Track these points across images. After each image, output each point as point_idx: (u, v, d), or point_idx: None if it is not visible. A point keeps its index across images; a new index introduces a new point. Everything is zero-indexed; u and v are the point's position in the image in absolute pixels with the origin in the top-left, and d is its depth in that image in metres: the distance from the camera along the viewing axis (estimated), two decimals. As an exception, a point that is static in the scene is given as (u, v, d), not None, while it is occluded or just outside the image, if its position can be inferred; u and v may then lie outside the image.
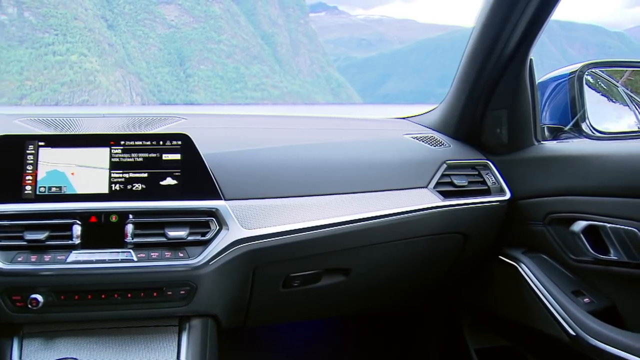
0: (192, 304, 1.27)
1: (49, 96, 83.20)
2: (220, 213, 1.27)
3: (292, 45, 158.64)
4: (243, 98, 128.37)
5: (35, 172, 1.27)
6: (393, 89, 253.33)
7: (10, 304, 1.20)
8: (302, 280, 1.44)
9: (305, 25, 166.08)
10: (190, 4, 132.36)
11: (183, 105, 70.63)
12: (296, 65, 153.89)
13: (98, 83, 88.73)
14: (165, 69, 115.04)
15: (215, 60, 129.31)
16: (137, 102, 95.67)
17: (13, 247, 1.21)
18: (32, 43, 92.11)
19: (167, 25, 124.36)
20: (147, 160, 1.31)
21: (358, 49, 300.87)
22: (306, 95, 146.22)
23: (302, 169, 1.44)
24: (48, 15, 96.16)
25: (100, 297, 1.23)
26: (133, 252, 1.22)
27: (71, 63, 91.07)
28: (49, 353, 1.26)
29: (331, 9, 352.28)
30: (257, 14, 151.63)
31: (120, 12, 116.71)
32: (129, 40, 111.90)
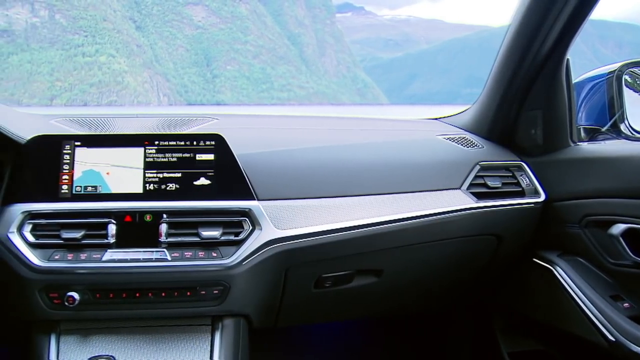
0: (225, 304, 1.28)
1: (78, 97, 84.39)
2: (254, 213, 1.27)
3: (319, 45, 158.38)
4: (269, 98, 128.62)
5: (72, 171, 1.30)
6: (420, 89, 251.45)
7: (48, 301, 1.23)
8: (334, 281, 1.44)
9: (331, 26, 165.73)
10: (217, 5, 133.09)
11: (214, 105, 70.87)
12: (322, 66, 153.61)
13: (126, 84, 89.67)
14: (192, 69, 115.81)
15: (241, 60, 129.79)
16: (164, 102, 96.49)
17: (50, 246, 1.23)
18: (62, 45, 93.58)
19: (195, 26, 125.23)
20: (180, 160, 1.32)
21: (385, 49, 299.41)
22: (332, 95, 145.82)
23: (335, 170, 1.44)
24: (78, 17, 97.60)
25: (134, 296, 1.25)
26: (167, 251, 1.24)
27: (100, 64, 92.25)
28: (84, 350, 1.28)
29: (358, 9, 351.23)
30: (284, 15, 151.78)
31: (149, 13, 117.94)
32: (157, 41, 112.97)
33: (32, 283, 1.21)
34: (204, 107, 6.97)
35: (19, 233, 1.24)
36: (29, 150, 1.32)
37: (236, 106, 50.42)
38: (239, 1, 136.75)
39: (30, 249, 1.22)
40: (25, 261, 1.21)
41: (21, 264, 1.21)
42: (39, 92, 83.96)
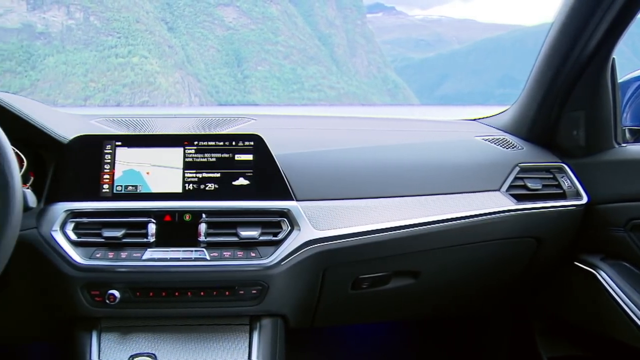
0: (264, 304, 1.29)
1: (111, 97, 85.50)
2: (292, 213, 1.29)
3: (349, 46, 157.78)
4: (300, 99, 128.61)
5: (113, 171, 1.33)
6: (451, 90, 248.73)
7: (89, 299, 1.26)
8: (371, 282, 1.44)
9: (362, 26, 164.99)
10: (248, 6, 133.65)
11: (250, 106, 71.08)
12: (353, 66, 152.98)
13: (158, 84, 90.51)
14: (223, 70, 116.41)
15: (272, 61, 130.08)
16: (196, 102, 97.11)
17: (92, 244, 1.26)
18: (96, 46, 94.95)
19: (226, 27, 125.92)
20: (219, 161, 1.34)
21: (416, 49, 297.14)
22: (363, 96, 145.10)
23: (373, 171, 1.44)
24: (112, 19, 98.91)
25: (174, 295, 1.27)
26: (206, 251, 1.26)
27: (132, 65, 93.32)
28: (125, 347, 1.30)
29: (389, 10, 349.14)
30: (315, 15, 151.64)
31: (180, 14, 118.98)
32: (188, 42, 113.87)
33: (75, 280, 1.24)
34: (241, 108, 6.72)
35: (61, 231, 1.27)
36: (71, 150, 1.35)
37: (269, 106, 50.17)
38: (270, 2, 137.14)
39: (73, 247, 1.25)
40: (68, 259, 1.24)
41: (64, 262, 1.24)
42: (73, 92, 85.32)
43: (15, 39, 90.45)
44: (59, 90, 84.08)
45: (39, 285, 1.34)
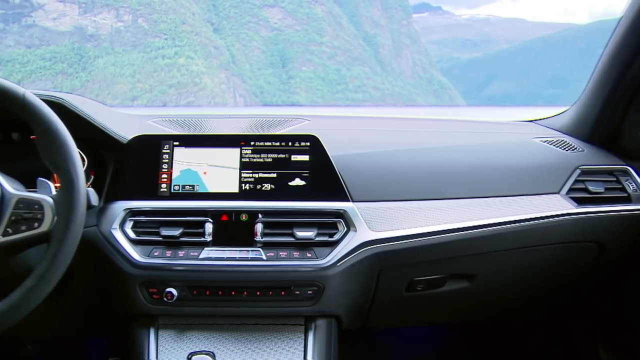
0: (319, 304, 1.29)
1: (157, 97, 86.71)
2: (348, 215, 1.29)
3: (395, 46, 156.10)
4: (344, 99, 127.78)
5: (170, 170, 1.35)
6: (498, 90, 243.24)
7: (147, 296, 1.28)
8: (425, 285, 1.43)
9: (408, 26, 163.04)
10: (293, 7, 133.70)
11: (307, 106, 71.38)
12: (398, 67, 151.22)
13: (203, 85, 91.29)
14: (267, 70, 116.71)
15: (317, 62, 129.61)
16: (240, 103, 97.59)
17: (150, 242, 1.29)
18: (143, 47, 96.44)
19: (271, 28, 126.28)
20: (276, 161, 1.34)
21: (462, 49, 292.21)
22: (408, 97, 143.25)
23: (430, 172, 1.44)
24: (159, 21, 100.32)
25: (230, 294, 1.29)
26: (262, 250, 1.27)
27: (179, 66, 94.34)
28: (182, 344, 1.32)
29: (435, 9, 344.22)
30: (360, 16, 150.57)
31: (226, 15, 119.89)
32: (234, 43, 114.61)
33: (133, 278, 1.27)
34: (294, 108, 6.38)
35: (121, 229, 1.29)
36: (130, 150, 1.37)
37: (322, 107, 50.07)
38: (315, 2, 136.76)
39: (132, 245, 1.28)
40: (127, 256, 1.26)
41: (123, 259, 1.27)
42: (121, 93, 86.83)
43: (68, 42, 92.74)
44: (107, 91, 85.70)
45: (98, 282, 1.36)
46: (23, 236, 1.06)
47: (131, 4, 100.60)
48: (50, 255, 1.04)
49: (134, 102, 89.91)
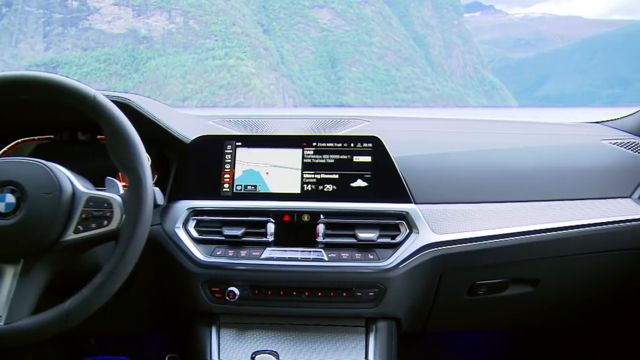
0: (381, 306, 1.29)
1: (208, 98, 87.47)
2: (411, 216, 1.29)
3: (445, 46, 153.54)
4: (393, 100, 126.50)
5: (233, 170, 1.37)
6: (552, 91, 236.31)
7: (210, 295, 1.30)
8: (487, 289, 1.41)
9: (459, 26, 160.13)
10: (342, 7, 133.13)
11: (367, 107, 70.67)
12: (448, 67, 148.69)
13: (253, 86, 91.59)
14: (317, 71, 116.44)
15: (366, 62, 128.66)
16: (290, 104, 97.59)
17: (212, 242, 1.31)
18: (194, 49, 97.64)
19: (320, 28, 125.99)
20: (338, 162, 1.35)
21: (515, 49, 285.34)
22: (458, 97, 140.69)
23: (493, 174, 1.42)
24: (210, 23, 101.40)
25: (291, 294, 1.29)
26: (324, 251, 1.28)
27: (229, 67, 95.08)
28: (244, 343, 1.33)
29: (487, 9, 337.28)
30: (410, 16, 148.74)
31: (276, 17, 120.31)
32: (283, 44, 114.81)
33: (196, 277, 1.29)
34: (354, 109, 5.82)
35: (184, 228, 1.32)
36: (193, 150, 1.40)
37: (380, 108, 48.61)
38: (365, 3, 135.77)
39: (195, 244, 1.30)
40: (190, 255, 1.29)
41: (186, 258, 1.29)
42: (172, 94, 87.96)
43: (121, 44, 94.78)
44: (159, 92, 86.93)
45: (161, 280, 1.38)
46: (93, 234, 1.10)
47: (183, 6, 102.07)
48: (118, 252, 1.07)
49: (184, 103, 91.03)
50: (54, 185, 1.10)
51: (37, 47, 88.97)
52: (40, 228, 1.08)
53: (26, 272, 1.10)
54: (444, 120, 1.74)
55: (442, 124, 1.71)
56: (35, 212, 1.08)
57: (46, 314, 1.07)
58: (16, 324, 1.06)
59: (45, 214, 1.08)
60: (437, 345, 2.04)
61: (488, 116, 1.92)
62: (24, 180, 1.10)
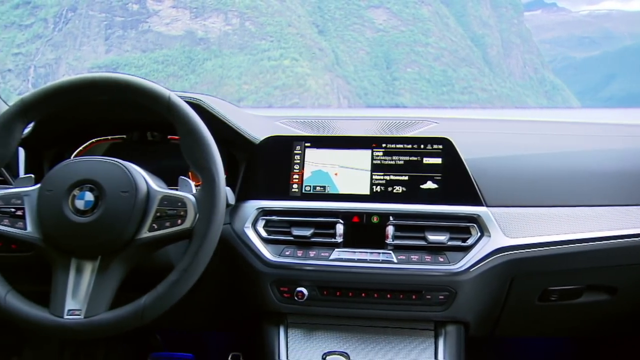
0: (450, 310, 1.27)
1: (263, 99, 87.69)
2: (482, 219, 1.27)
3: (504, 46, 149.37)
4: (449, 101, 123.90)
5: (302, 171, 1.37)
6: (619, 91, 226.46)
7: (278, 295, 1.31)
8: (560, 295, 1.38)
9: (518, 25, 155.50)
10: (398, 8, 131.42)
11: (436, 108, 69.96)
12: (507, 68, 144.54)
13: (308, 86, 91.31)
14: (372, 72, 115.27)
15: (422, 63, 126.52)
16: (344, 104, 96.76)
17: (281, 242, 1.32)
18: (250, 50, 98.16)
19: (376, 29, 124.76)
20: (407, 163, 1.34)
21: (578, 48, 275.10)
22: (516, 98, 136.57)
23: (567, 178, 1.38)
24: (265, 24, 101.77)
25: (360, 295, 1.29)
26: (393, 253, 1.27)
27: (284, 67, 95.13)
28: (311, 344, 1.33)
29: (549, 6, 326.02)
30: (467, 15, 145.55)
31: (331, 17, 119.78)
32: (338, 45, 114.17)
33: (265, 276, 1.30)
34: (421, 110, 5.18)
35: (253, 228, 1.32)
36: (262, 150, 1.41)
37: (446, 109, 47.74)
38: (421, 3, 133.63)
39: (264, 244, 1.31)
40: (259, 255, 1.29)
41: (255, 258, 1.30)
42: (228, 94, 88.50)
43: (179, 45, 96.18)
44: (215, 93, 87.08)
45: (229, 279, 1.40)
46: (167, 232, 1.12)
47: (239, 8, 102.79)
48: (192, 251, 1.09)
49: (240, 104, 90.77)
50: (131, 184, 1.12)
51: (99, 50, 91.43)
52: (117, 226, 1.10)
53: (103, 269, 1.13)
54: (512, 122, 1.71)
55: (510, 126, 1.68)
56: (112, 210, 1.10)
57: (123, 309, 1.09)
58: (95, 318, 1.08)
59: (122, 212, 1.11)
60: (504, 351, 1.99)
61: (550, 117, 1.88)
62: (103, 179, 1.12)
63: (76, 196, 1.13)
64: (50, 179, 1.16)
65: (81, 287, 1.11)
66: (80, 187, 1.13)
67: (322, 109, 6.47)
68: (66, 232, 1.12)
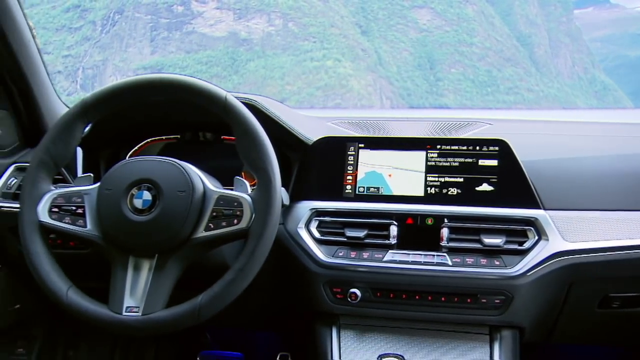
0: (506, 314, 1.26)
1: (305, 99, 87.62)
2: (540, 222, 1.25)
3: (551, 45, 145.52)
4: (494, 102, 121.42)
5: (355, 172, 1.37)
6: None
7: (331, 295, 1.31)
8: (623, 302, 1.34)
9: (567, 24, 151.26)
10: (442, 7, 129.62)
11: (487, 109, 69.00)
12: (555, 67, 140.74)
13: (350, 87, 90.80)
14: (415, 72, 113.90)
15: (466, 63, 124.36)
16: (387, 105, 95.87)
17: (334, 243, 1.32)
18: (293, 50, 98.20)
19: (419, 29, 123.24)
20: (462, 165, 1.33)
21: (632, 46, 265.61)
22: (564, 99, 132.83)
23: (628, 180, 1.35)
24: (308, 25, 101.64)
25: (414, 298, 1.29)
26: (448, 256, 1.26)
27: (326, 68, 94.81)
28: (364, 345, 1.33)
29: (601, 4, 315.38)
30: (514, 14, 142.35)
31: (374, 18, 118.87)
32: (381, 45, 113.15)
33: (318, 277, 1.30)
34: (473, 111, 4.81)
35: (306, 229, 1.33)
36: (315, 151, 1.42)
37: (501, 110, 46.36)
38: (466, 2, 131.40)
39: (317, 245, 1.31)
40: (313, 256, 1.30)
41: (309, 258, 1.31)
42: (270, 95, 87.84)
43: (222, 46, 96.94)
44: (257, 93, 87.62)
45: (281, 279, 1.40)
46: (223, 232, 1.13)
47: (282, 9, 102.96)
48: (248, 250, 1.09)
49: (282, 104, 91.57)
50: (187, 184, 1.13)
51: (144, 51, 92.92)
52: (174, 225, 1.12)
53: (160, 267, 1.14)
54: (564, 123, 1.68)
55: (563, 127, 1.64)
56: (169, 210, 1.12)
57: (180, 307, 1.11)
58: (152, 315, 1.10)
59: (179, 212, 1.12)
60: (558, 357, 1.93)
61: (602, 118, 1.82)
62: (160, 179, 1.14)
63: (134, 195, 1.14)
64: (110, 178, 1.18)
65: (139, 284, 1.13)
66: (139, 187, 1.15)
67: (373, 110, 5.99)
68: (124, 230, 1.14)
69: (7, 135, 1.68)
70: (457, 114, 1.82)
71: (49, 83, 1.75)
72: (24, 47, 1.58)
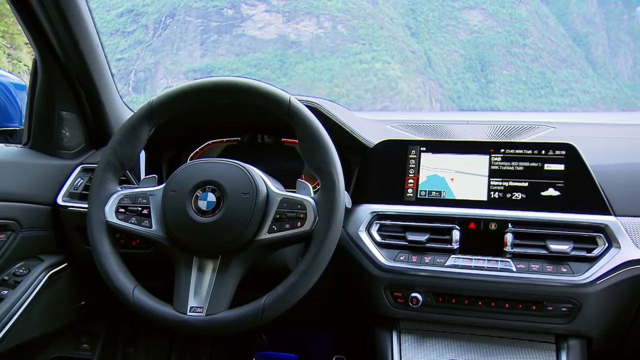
0: (574, 323, 1.21)
1: (353, 102, 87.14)
2: (610, 229, 1.20)
3: (610, 45, 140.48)
4: (548, 104, 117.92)
5: (417, 176, 1.35)
6: None
7: (392, 299, 1.29)
8: None
9: (629, 22, 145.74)
10: (494, 8, 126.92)
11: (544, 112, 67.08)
12: (613, 68, 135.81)
13: (399, 89, 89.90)
14: (466, 74, 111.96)
15: (519, 64, 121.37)
16: (436, 108, 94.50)
17: (395, 246, 1.29)
18: (341, 53, 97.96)
19: (470, 30, 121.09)
20: (527, 170, 1.30)
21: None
22: (624, 101, 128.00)
23: None
24: (357, 27, 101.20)
25: (476, 304, 1.25)
26: (512, 261, 1.23)
27: (375, 70, 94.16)
28: (424, 350, 1.30)
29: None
30: (570, 14, 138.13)
31: (424, 19, 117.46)
32: (431, 47, 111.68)
33: (379, 281, 1.28)
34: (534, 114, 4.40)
35: (367, 232, 1.31)
36: (376, 154, 1.40)
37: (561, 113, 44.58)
38: (519, 2, 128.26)
39: (378, 248, 1.29)
40: (373, 259, 1.28)
41: (369, 262, 1.29)
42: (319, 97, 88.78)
43: (271, 49, 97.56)
44: (306, 95, 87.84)
45: (340, 282, 1.38)
46: (286, 234, 1.12)
47: (331, 11, 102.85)
48: (312, 253, 1.08)
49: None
50: (251, 186, 1.13)
51: (194, 54, 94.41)
52: (237, 227, 1.12)
53: (224, 268, 1.15)
54: (631, 126, 1.61)
55: (630, 130, 1.58)
56: (233, 211, 1.12)
57: (243, 308, 1.10)
58: (216, 316, 1.10)
59: (243, 214, 1.12)
60: None
61: None
62: (224, 181, 1.14)
63: (199, 197, 1.15)
64: (175, 179, 1.18)
65: (203, 285, 1.14)
66: (203, 188, 1.15)
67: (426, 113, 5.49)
68: (189, 231, 1.14)
69: (74, 137, 1.72)
70: (516, 116, 1.75)
71: (114, 86, 1.78)
72: (92, 53, 1.60)
